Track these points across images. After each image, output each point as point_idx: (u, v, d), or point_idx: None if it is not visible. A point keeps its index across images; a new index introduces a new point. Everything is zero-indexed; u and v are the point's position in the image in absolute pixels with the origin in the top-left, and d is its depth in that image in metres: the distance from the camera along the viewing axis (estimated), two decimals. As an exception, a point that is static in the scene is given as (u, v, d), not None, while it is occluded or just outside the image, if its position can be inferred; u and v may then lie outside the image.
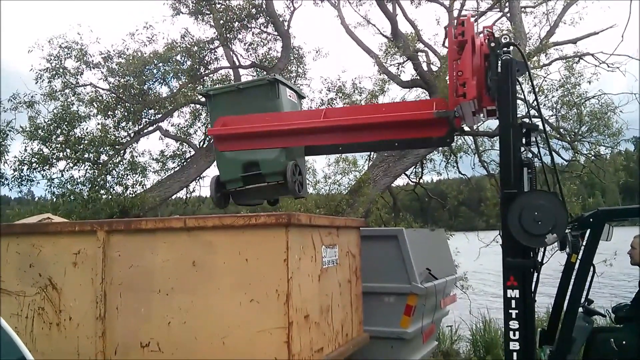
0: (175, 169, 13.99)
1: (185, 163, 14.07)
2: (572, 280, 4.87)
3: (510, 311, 4.14)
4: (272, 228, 4.62)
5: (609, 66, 13.49)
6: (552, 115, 13.65)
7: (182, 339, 4.79)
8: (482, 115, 4.55)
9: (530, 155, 4.28)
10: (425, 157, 14.61)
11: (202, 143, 14.38)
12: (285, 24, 13.97)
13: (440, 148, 14.81)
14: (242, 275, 4.68)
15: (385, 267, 6.76)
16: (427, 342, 7.37)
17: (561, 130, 13.41)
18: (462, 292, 13.78)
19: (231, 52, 14.05)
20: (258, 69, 14.56)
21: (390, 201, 15.72)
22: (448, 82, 4.42)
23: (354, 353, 5.87)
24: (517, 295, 4.12)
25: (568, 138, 13.35)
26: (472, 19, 4.52)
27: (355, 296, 6.04)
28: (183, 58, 13.56)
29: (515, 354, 4.09)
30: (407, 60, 14.21)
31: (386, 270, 6.76)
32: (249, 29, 14.01)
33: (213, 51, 14.08)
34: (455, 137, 4.94)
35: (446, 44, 14.62)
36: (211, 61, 14.11)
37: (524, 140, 4.28)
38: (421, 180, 16.50)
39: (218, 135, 5.12)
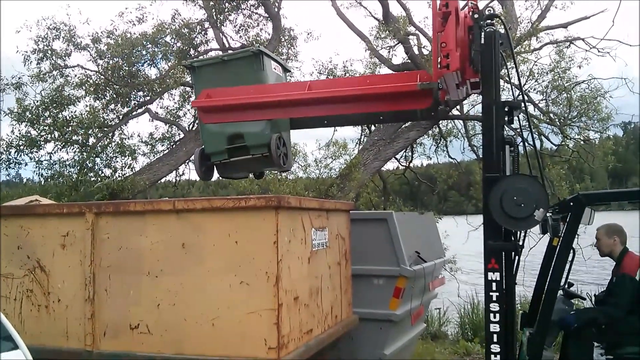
0: (165, 152, 13.92)
1: (174, 146, 13.99)
2: (553, 264, 4.91)
3: (490, 294, 4.21)
4: (262, 210, 4.62)
5: (599, 51, 13.48)
6: (542, 100, 13.67)
7: (171, 321, 4.81)
8: (465, 88, 4.55)
9: (512, 133, 4.30)
10: (415, 141, 14.62)
11: (191, 126, 14.29)
12: (276, 5, 13.83)
13: (430, 132, 14.85)
14: (232, 257, 4.68)
15: (375, 250, 6.80)
16: (415, 324, 7.44)
17: (551, 114, 13.43)
18: (451, 275, 13.89)
19: (221, 34, 13.91)
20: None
21: (381, 185, 15.75)
22: (432, 54, 4.43)
23: (343, 335, 5.93)
24: (498, 278, 4.20)
25: (558, 122, 13.37)
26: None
27: (344, 278, 6.07)
28: (173, 39, 13.42)
29: (495, 335, 4.17)
30: (398, 44, 14.14)
31: (376, 253, 6.79)
32: (240, 11, 13.88)
33: (203, 33, 13.95)
34: (440, 110, 4.91)
35: (437, 26, 14.58)
36: (201, 43, 13.98)
37: (506, 119, 4.31)
38: (411, 164, 16.55)
39: (202, 107, 5.09)
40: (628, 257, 5.12)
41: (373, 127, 14.18)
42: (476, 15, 4.20)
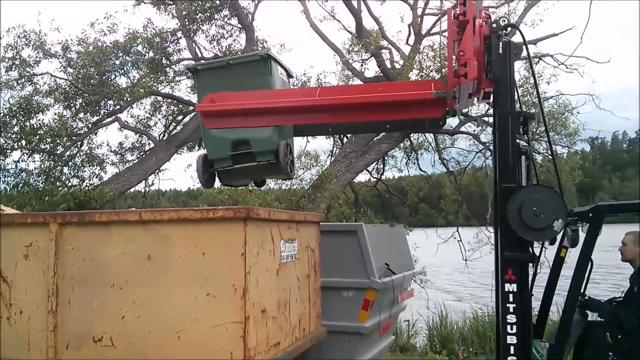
0: (134, 162, 13.77)
1: (144, 155, 13.85)
2: (572, 275, 4.92)
3: (507, 305, 4.13)
4: (230, 222, 4.57)
5: (567, 67, 13.81)
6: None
7: (136, 334, 4.72)
8: (476, 98, 4.55)
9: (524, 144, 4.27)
10: (386, 154, 14.73)
11: (162, 135, 14.19)
12: (250, 16, 13.87)
13: (401, 145, 14.99)
14: (199, 269, 4.62)
15: (345, 262, 6.79)
16: (384, 336, 7.44)
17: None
18: (421, 287, 13.98)
19: (194, 44, 13.88)
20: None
21: (352, 197, 15.82)
22: (447, 63, 4.41)
23: (311, 347, 5.89)
24: (515, 289, 4.12)
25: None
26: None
27: (313, 291, 6.05)
28: (145, 49, 13.33)
29: (512, 347, 4.10)
30: (371, 57, 14.28)
31: (345, 265, 6.79)
32: (213, 21, 13.85)
33: (175, 42, 13.89)
34: (446, 120, 4.89)
35: (410, 41, 14.78)
36: (173, 52, 13.92)
37: (521, 129, 4.29)
38: (382, 177, 16.66)
39: (207, 112, 4.91)
40: None
41: (345, 139, 14.26)
42: (494, 25, 4.17)
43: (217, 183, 6.14)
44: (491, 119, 14.33)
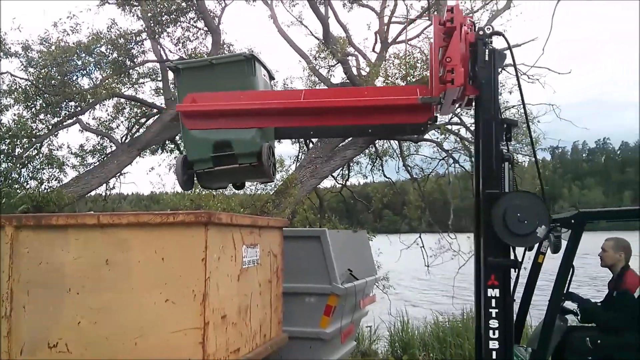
0: (95, 164, 13.52)
1: (105, 158, 13.62)
2: (554, 280, 5.03)
3: (490, 310, 4.15)
4: (190, 226, 4.54)
5: (529, 78, 14.07)
6: (473, 123, 14.12)
7: (93, 340, 4.63)
8: (458, 105, 4.58)
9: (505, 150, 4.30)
10: (351, 160, 14.79)
11: (124, 138, 13.98)
12: (217, 19, 13.77)
13: (366, 151, 15.07)
14: (158, 274, 4.57)
15: (307, 268, 6.80)
16: (345, 342, 7.46)
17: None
18: (384, 293, 14.08)
19: (159, 46, 13.72)
20: (186, 65, 14.27)
21: (317, 202, 15.83)
22: (432, 69, 4.36)
23: (272, 353, 5.87)
24: (498, 295, 4.14)
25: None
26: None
27: (275, 296, 6.04)
28: (108, 50, 13.12)
29: (494, 352, 4.12)
30: (337, 64, 14.34)
31: (308, 271, 6.79)
32: (179, 23, 13.72)
33: (140, 44, 13.70)
34: (428, 126, 4.87)
35: (376, 49, 14.89)
36: (138, 54, 13.72)
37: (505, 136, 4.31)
38: (348, 183, 16.73)
39: (188, 112, 4.78)
40: (630, 275, 5.33)
41: (311, 144, 14.28)
42: (481, 32, 4.21)
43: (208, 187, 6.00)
44: (454, 127, 14.60)
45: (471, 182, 14.67)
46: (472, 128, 14.17)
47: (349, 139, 12.54)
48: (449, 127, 13.94)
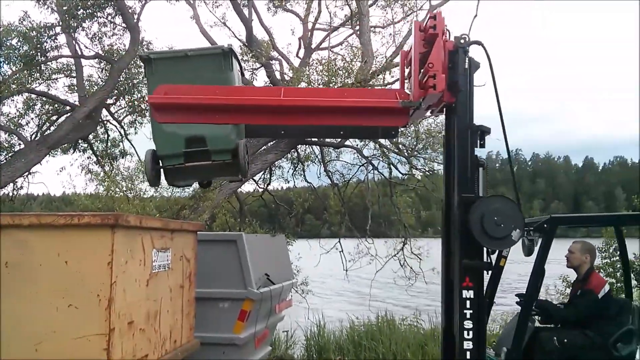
0: (1, 162, 12.79)
1: (12, 156, 12.91)
2: (528, 281, 5.21)
3: (465, 311, 4.20)
4: (96, 229, 4.36)
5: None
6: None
7: (-12, 347, 4.36)
8: (431, 111, 4.64)
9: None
10: (273, 164, 14.75)
11: (34, 135, 13.31)
12: (135, 16, 13.38)
13: (288, 155, 15.08)
14: (61, 278, 4.36)
15: (223, 272, 6.71)
16: (259, 347, 7.41)
17: (400, 145, 14.22)
18: (302, 297, 14.11)
19: (74, 41, 13.18)
20: (103, 61, 13.82)
21: (237, 206, 15.66)
22: (412, 74, 4.36)
23: (183, 360, 5.74)
24: (472, 296, 4.21)
25: (405, 153, 14.19)
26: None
27: (187, 301, 5.90)
28: (19, 43, 12.47)
29: (468, 352, 4.18)
30: (260, 67, 14.29)
31: (223, 276, 6.70)
32: (95, 18, 13.24)
33: (54, 38, 13.11)
34: (399, 130, 4.85)
35: (300, 54, 14.96)
36: (51, 49, 13.13)
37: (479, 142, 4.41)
38: (269, 187, 16.66)
39: (159, 104, 4.47)
40: (594, 276, 5.60)
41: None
42: (462, 41, 4.27)
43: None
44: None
45: (389, 189, 15.01)
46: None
47: (271, 143, 12.50)
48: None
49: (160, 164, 5.25)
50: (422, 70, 4.25)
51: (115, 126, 15.54)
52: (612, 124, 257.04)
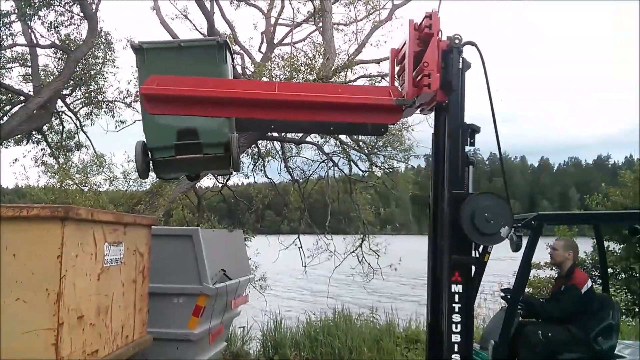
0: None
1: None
2: (515, 276, 5.34)
3: (453, 305, 4.26)
4: (46, 221, 4.28)
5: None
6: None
7: None
8: (422, 109, 4.67)
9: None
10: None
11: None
12: (94, 5, 13.09)
13: (249, 151, 15.01)
14: (9, 271, 4.27)
15: (178, 267, 6.66)
16: (214, 343, 7.37)
17: (360, 142, 14.32)
18: (260, 293, 14.09)
19: (30, 30, 12.82)
20: (59, 50, 13.49)
21: (196, 201, 15.50)
22: (407, 72, 4.40)
23: (135, 355, 5.68)
24: (461, 290, 4.27)
25: (366, 150, 14.28)
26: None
27: (140, 296, 5.84)
28: (-29, 30, 12.07)
29: (456, 345, 4.25)
30: (222, 61, 14.14)
31: (178, 271, 6.65)
32: (52, 7, 12.91)
33: (9, 26, 12.73)
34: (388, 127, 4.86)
35: (262, 49, 14.90)
36: (5, 37, 12.74)
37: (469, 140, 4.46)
38: (229, 182, 16.54)
39: (152, 95, 4.34)
40: (577, 272, 5.72)
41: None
42: (457, 41, 4.31)
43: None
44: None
45: (349, 185, 15.09)
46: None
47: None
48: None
49: (152, 156, 5.19)
50: (416, 69, 4.34)
51: (71, 117, 15.17)
52: (567, 127, 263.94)
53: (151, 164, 5.30)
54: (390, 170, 14.96)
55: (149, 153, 5.17)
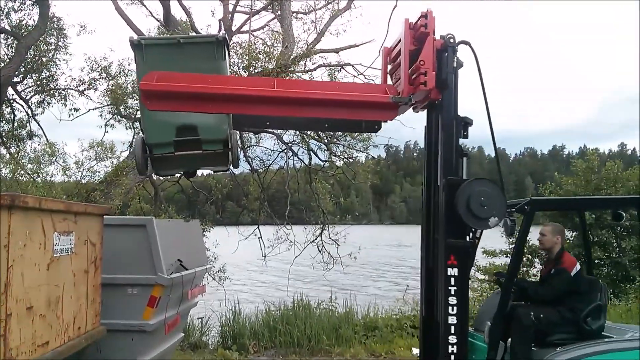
0: None
1: None
2: (510, 260, 5.63)
3: (449, 288, 4.44)
4: (-9, 211, 4.15)
5: (366, 78, 14.70)
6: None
7: None
8: (415, 106, 4.78)
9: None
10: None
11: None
12: (45, -10, 12.72)
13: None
14: (-48, 262, 4.13)
15: (132, 258, 6.55)
16: (170, 333, 7.29)
17: (319, 132, 14.31)
18: (219, 284, 14.00)
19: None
20: (9, 36, 13.07)
21: (153, 192, 15.25)
22: (402, 71, 4.53)
23: (88, 347, 5.59)
24: (456, 274, 4.45)
25: (325, 140, 14.29)
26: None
27: (92, 287, 5.74)
28: None
29: (452, 327, 4.44)
30: (178, 48, 13.91)
31: (132, 261, 6.54)
32: (1, -9, 12.51)
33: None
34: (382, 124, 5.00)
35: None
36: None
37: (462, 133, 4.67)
38: (187, 172, 16.27)
39: (152, 91, 4.32)
40: (566, 256, 5.84)
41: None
42: (451, 40, 4.46)
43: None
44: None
45: (309, 175, 15.09)
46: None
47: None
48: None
49: (151, 153, 5.17)
50: (411, 67, 4.45)
51: (22, 106, 14.73)
52: (523, 118, 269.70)
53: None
54: (350, 160, 15.02)
55: (148, 149, 5.18)
